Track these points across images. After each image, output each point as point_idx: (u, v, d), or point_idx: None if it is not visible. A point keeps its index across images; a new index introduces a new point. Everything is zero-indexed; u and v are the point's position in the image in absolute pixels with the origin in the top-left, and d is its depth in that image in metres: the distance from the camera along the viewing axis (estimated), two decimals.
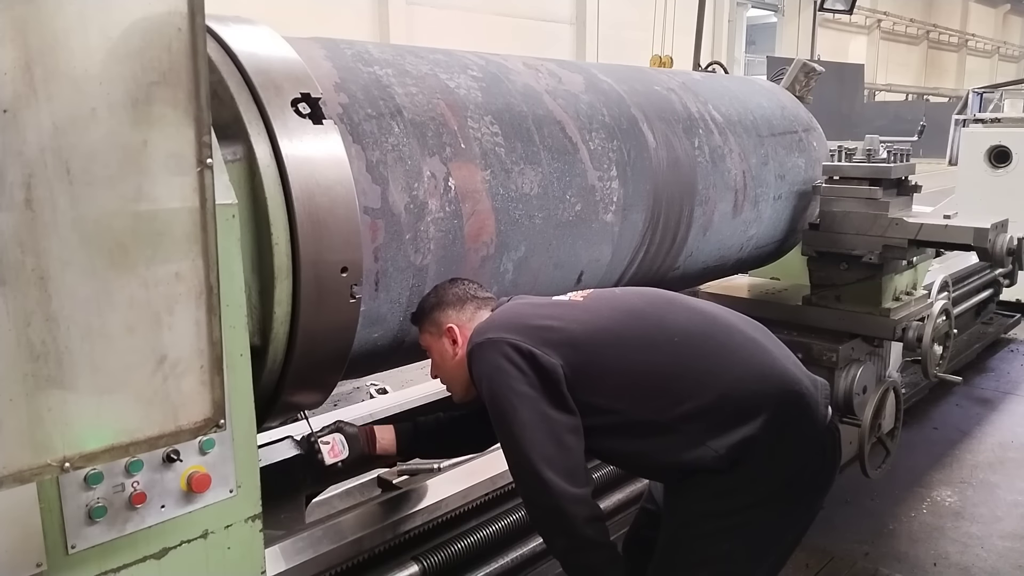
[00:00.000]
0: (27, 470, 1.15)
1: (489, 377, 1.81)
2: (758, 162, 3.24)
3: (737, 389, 1.81)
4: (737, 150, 3.13)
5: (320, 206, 1.72)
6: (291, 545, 1.92)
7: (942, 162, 8.66)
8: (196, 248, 1.25)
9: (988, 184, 6.29)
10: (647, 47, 11.65)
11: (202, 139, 1.22)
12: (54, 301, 1.13)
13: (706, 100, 3.13)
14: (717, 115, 3.11)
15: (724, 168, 3.05)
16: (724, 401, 1.80)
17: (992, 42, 37.29)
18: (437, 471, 2.37)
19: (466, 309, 1.97)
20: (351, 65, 2.04)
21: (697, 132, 2.96)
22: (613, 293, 2.07)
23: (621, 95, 2.73)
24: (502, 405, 1.78)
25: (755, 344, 1.93)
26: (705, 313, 2.00)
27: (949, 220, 3.25)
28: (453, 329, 1.96)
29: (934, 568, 3.34)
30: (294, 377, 1.82)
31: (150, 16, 1.16)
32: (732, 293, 3.93)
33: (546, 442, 1.75)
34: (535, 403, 1.77)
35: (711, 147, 3.00)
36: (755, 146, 3.26)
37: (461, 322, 1.96)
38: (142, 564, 1.49)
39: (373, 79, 2.04)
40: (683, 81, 3.17)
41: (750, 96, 3.44)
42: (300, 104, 1.75)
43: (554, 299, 2.03)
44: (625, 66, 3.18)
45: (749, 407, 1.80)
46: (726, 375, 1.83)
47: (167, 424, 1.27)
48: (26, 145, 1.08)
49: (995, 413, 5.09)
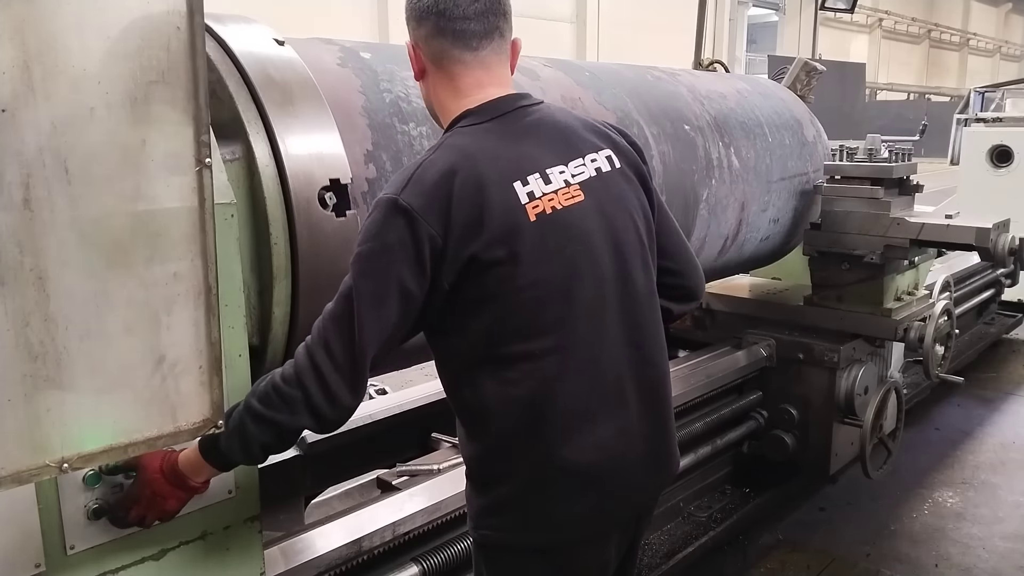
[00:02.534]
0: (26, 471, 1.14)
1: (364, 227, 1.41)
2: (758, 209, 3.25)
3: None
4: (740, 200, 3.14)
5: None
6: (290, 546, 1.91)
7: (944, 162, 8.64)
8: (195, 248, 1.25)
9: (990, 184, 6.28)
10: (647, 47, 11.64)
11: (201, 138, 1.22)
12: (52, 301, 1.13)
13: (730, 141, 3.10)
14: (736, 161, 3.10)
15: (722, 219, 3.07)
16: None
17: (994, 41, 37.27)
18: (437, 471, 2.37)
19: (424, 24, 1.48)
20: (387, 121, 1.95)
21: (710, 183, 2.95)
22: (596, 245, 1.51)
23: (648, 139, 2.71)
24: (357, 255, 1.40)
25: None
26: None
27: (951, 220, 3.25)
28: (409, 46, 1.53)
29: (935, 569, 3.33)
30: None
31: (149, 15, 1.16)
32: (733, 293, 3.93)
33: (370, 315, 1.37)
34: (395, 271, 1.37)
35: (716, 199, 3.00)
36: (760, 193, 3.26)
37: (418, 38, 1.50)
38: (141, 565, 1.49)
39: (406, 143, 1.98)
40: (715, 115, 3.11)
41: (776, 129, 3.43)
42: (327, 194, 1.71)
43: (548, 171, 1.47)
44: (661, 89, 3.02)
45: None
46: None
47: (166, 425, 1.27)
48: (24, 145, 1.08)
49: (997, 414, 5.08)
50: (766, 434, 3.64)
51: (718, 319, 3.92)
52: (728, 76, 3.93)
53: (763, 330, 3.66)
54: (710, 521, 3.38)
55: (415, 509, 2.13)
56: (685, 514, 3.38)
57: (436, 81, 1.53)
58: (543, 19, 14.81)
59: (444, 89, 1.52)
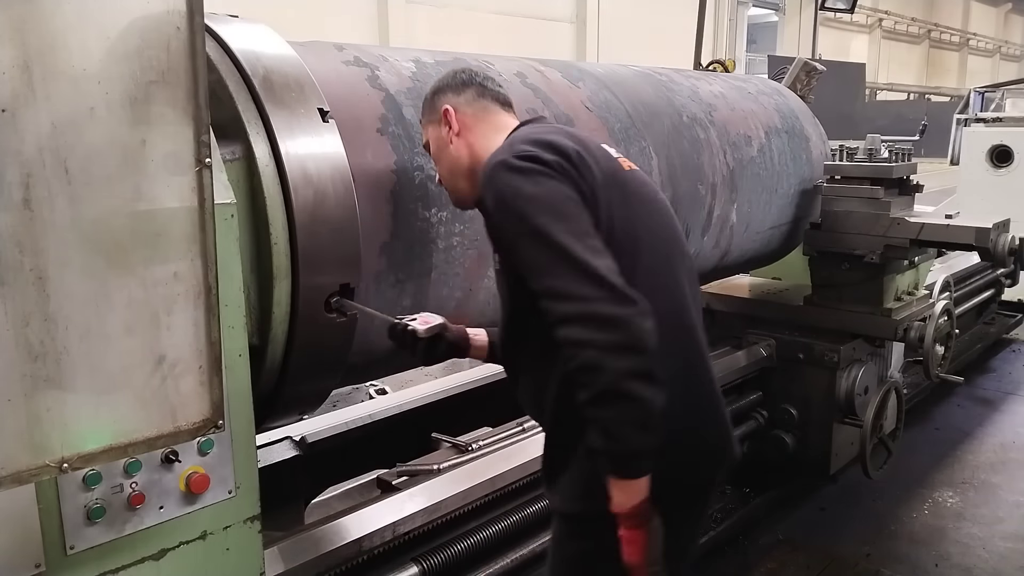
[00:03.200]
0: (26, 471, 1.15)
1: (499, 192, 1.46)
2: (755, 225, 3.28)
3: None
4: (743, 221, 3.19)
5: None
6: (290, 546, 1.91)
7: (944, 162, 8.64)
8: (195, 248, 1.25)
9: (990, 184, 6.29)
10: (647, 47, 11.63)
11: (201, 138, 1.22)
12: (52, 301, 1.13)
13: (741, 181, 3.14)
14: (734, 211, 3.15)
15: (721, 236, 3.09)
16: None
17: (994, 41, 37.25)
18: (437, 471, 2.37)
19: (465, 92, 1.73)
20: (410, 207, 1.96)
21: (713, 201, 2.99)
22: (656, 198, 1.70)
23: (675, 167, 2.73)
24: (515, 208, 1.42)
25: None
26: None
27: (951, 220, 3.25)
28: (449, 111, 1.72)
29: (935, 569, 3.33)
30: (293, 377, 1.81)
31: (149, 15, 1.16)
32: (733, 293, 3.92)
33: (582, 230, 1.40)
34: (562, 189, 1.43)
35: (718, 215, 3.03)
36: (763, 212, 3.29)
37: (457, 104, 1.72)
38: (141, 565, 1.49)
39: (425, 228, 1.99)
40: (732, 147, 3.12)
41: (791, 149, 3.47)
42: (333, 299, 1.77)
43: (603, 144, 1.68)
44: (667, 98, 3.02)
45: None
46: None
47: (166, 425, 1.27)
48: (24, 145, 1.08)
49: (997, 413, 5.08)
50: (766, 434, 3.64)
51: (718, 319, 3.92)
52: (728, 77, 3.92)
53: (763, 330, 3.66)
54: (710, 521, 3.38)
55: (415, 509, 2.13)
56: None
57: (475, 132, 1.72)
58: (543, 19, 14.80)
59: (484, 133, 1.72)
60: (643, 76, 3.02)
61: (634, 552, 1.44)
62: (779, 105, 3.56)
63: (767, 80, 4.08)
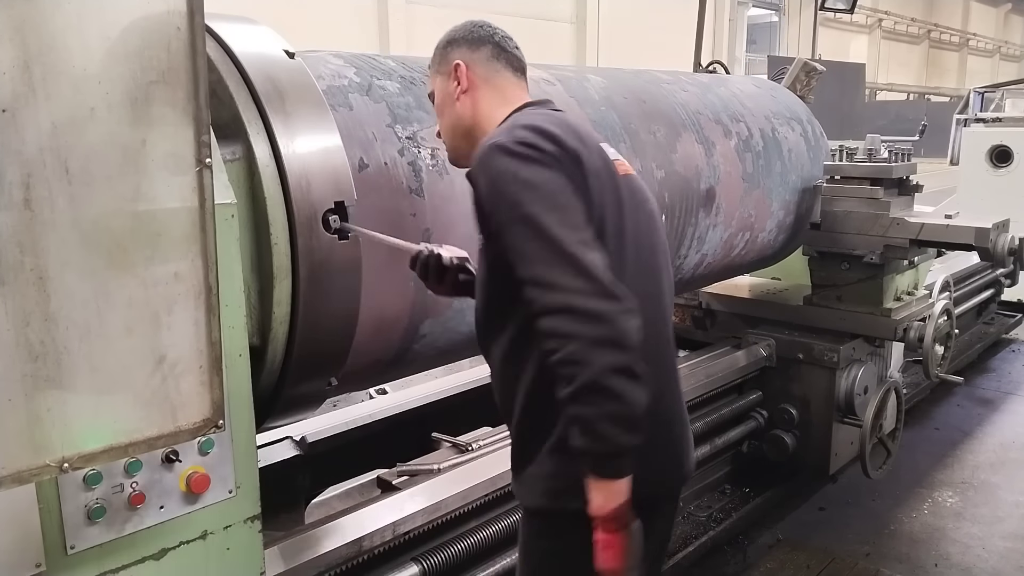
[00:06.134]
0: (26, 470, 1.15)
1: (493, 175, 1.42)
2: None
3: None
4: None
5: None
6: (290, 546, 1.91)
7: (943, 162, 8.64)
8: (195, 248, 1.25)
9: (989, 184, 6.29)
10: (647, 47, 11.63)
11: (201, 138, 1.22)
12: (53, 301, 1.13)
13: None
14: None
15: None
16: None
17: (993, 41, 37.25)
18: (437, 471, 2.37)
19: (481, 50, 1.67)
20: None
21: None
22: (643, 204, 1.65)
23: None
24: (508, 193, 1.39)
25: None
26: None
27: (950, 220, 3.25)
28: (460, 67, 1.65)
29: (935, 569, 3.33)
30: (294, 377, 1.81)
31: (149, 15, 1.16)
32: (733, 293, 3.93)
33: (575, 223, 1.38)
34: (557, 179, 1.41)
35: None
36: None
37: (470, 61, 1.66)
38: (141, 565, 1.49)
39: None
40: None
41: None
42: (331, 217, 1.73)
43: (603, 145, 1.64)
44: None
45: None
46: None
47: (166, 425, 1.27)
48: (25, 145, 1.08)
49: (996, 413, 5.08)
50: (766, 434, 3.64)
51: (718, 319, 3.93)
52: (728, 78, 3.93)
53: (763, 330, 3.66)
54: (710, 521, 3.38)
55: (415, 509, 2.13)
56: (685, 514, 3.38)
57: (483, 94, 1.67)
58: (543, 19, 14.80)
59: (492, 99, 1.67)
60: (638, 78, 3.03)
61: (611, 557, 1.38)
62: (778, 106, 3.56)
63: (766, 81, 4.09)
